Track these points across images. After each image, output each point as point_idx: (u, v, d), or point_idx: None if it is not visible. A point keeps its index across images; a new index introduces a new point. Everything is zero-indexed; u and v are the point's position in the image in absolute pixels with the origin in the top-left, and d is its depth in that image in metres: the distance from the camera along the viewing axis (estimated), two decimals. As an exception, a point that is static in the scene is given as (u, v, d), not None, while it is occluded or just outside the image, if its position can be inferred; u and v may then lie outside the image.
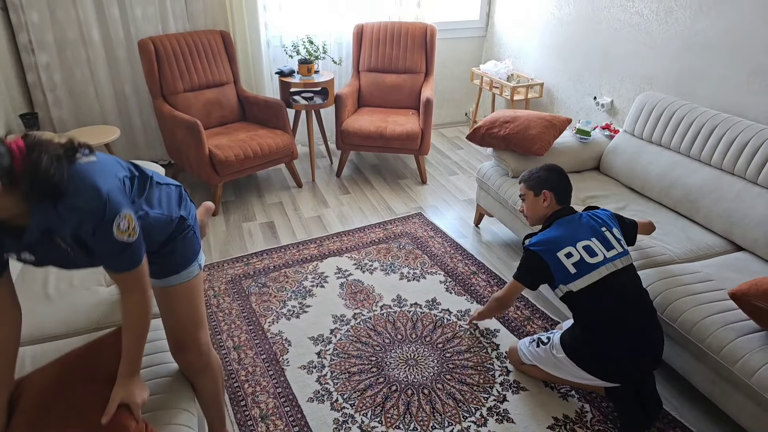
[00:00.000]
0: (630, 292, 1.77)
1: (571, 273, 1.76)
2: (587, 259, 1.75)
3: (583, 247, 1.77)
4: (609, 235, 1.82)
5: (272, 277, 2.64)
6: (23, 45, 3.21)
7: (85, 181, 1.07)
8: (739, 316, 1.71)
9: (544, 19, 3.88)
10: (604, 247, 1.79)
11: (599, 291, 1.75)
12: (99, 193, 1.07)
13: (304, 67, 3.47)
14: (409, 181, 3.72)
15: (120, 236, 1.12)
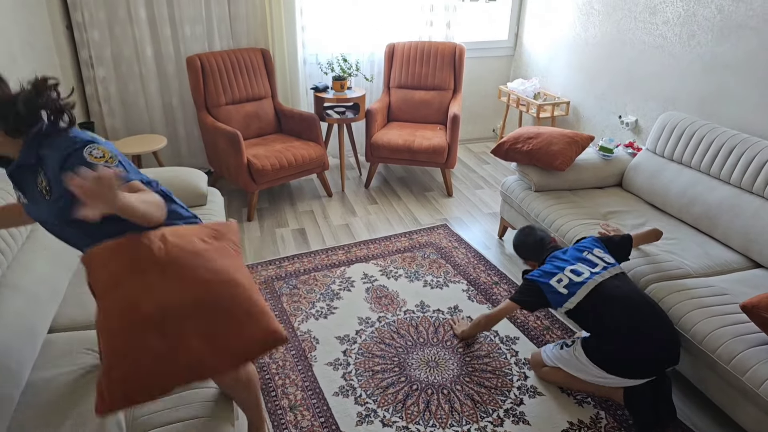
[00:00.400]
0: (624, 292, 1.91)
1: (563, 294, 1.96)
2: (574, 279, 1.97)
3: (570, 270, 2.00)
4: (591, 256, 2.05)
5: (302, 279, 2.78)
6: (84, 60, 3.49)
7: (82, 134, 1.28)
8: (751, 329, 1.76)
9: (570, 39, 3.98)
10: (588, 266, 2.00)
11: (594, 301, 1.91)
12: (75, 138, 1.25)
13: (338, 83, 3.65)
14: (436, 194, 3.83)
15: (93, 161, 1.22)
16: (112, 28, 3.49)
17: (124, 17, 3.47)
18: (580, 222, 2.53)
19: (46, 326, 1.71)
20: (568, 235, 2.49)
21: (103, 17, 3.41)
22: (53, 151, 1.25)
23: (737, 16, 2.70)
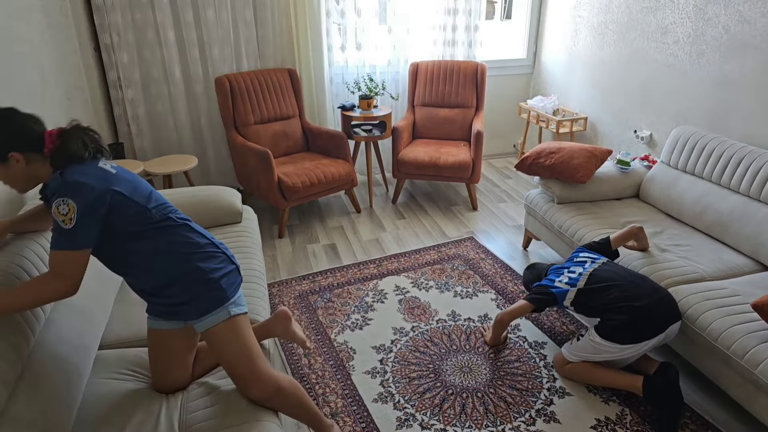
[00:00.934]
0: (614, 272, 2.37)
1: (565, 289, 2.40)
2: (572, 276, 2.44)
3: (568, 272, 2.48)
4: (579, 259, 2.53)
5: (336, 293, 3.07)
6: (112, 82, 3.80)
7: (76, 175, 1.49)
8: (762, 326, 2.05)
9: (587, 58, 4.32)
10: (580, 266, 2.48)
11: (592, 285, 2.35)
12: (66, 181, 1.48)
13: (365, 102, 3.98)
14: (461, 208, 4.15)
15: (56, 215, 1.43)
16: (141, 51, 3.82)
17: (153, 40, 3.81)
18: (601, 231, 2.83)
19: (97, 342, 1.88)
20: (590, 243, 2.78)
21: (132, 40, 3.75)
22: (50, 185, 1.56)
23: (742, 36, 3.03)
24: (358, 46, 4.35)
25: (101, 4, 3.58)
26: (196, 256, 1.66)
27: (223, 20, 3.87)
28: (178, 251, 1.64)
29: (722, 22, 3.14)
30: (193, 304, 1.65)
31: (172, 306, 1.67)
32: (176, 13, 3.79)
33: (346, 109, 4.08)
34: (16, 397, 1.40)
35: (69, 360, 1.64)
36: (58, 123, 2.90)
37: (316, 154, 4.01)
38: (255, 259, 2.54)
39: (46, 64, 2.87)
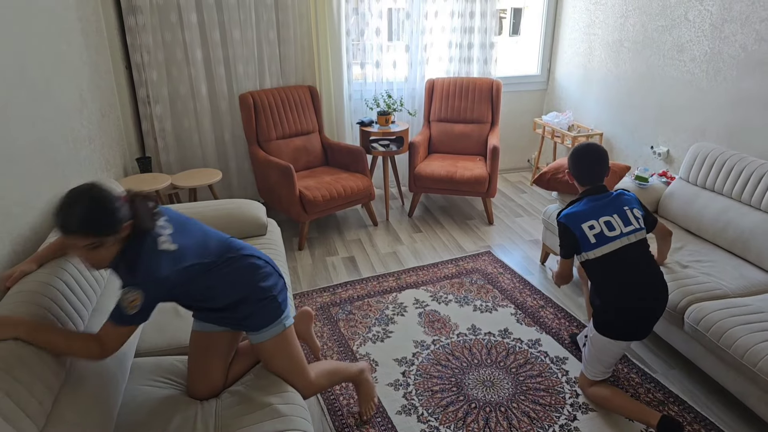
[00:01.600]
0: (639, 262, 2.16)
1: (591, 243, 2.15)
2: (606, 233, 2.13)
3: (604, 222, 2.15)
4: (629, 213, 2.18)
5: (357, 305, 3.07)
6: (141, 98, 3.87)
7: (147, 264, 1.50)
8: (787, 344, 2.01)
9: (602, 74, 4.32)
10: (623, 222, 2.15)
11: (613, 259, 2.15)
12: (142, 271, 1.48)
13: (383, 117, 4.01)
14: (477, 222, 4.14)
15: (121, 299, 1.47)
16: (170, 69, 3.89)
17: (181, 59, 3.87)
18: (621, 249, 2.80)
19: (133, 350, 1.92)
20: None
21: (162, 58, 3.81)
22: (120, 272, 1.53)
23: (759, 55, 3.02)
24: (376, 63, 4.39)
25: (134, 25, 3.65)
26: (257, 278, 1.79)
27: (248, 40, 3.93)
28: (243, 278, 1.76)
29: (739, 41, 3.14)
30: (256, 318, 1.79)
31: (237, 320, 1.80)
32: (204, 34, 3.86)
33: (365, 125, 4.11)
34: (60, 401, 1.43)
35: (107, 367, 1.66)
36: (94, 139, 2.97)
37: (335, 169, 4.03)
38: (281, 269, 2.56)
39: (84, 82, 2.94)
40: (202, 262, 1.66)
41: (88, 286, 1.82)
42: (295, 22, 4.02)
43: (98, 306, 1.87)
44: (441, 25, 4.50)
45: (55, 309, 1.57)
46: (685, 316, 2.34)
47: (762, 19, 2.98)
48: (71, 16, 2.83)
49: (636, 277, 2.14)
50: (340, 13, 4.09)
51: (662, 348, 2.69)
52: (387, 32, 4.39)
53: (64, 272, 1.71)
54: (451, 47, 4.58)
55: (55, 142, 2.41)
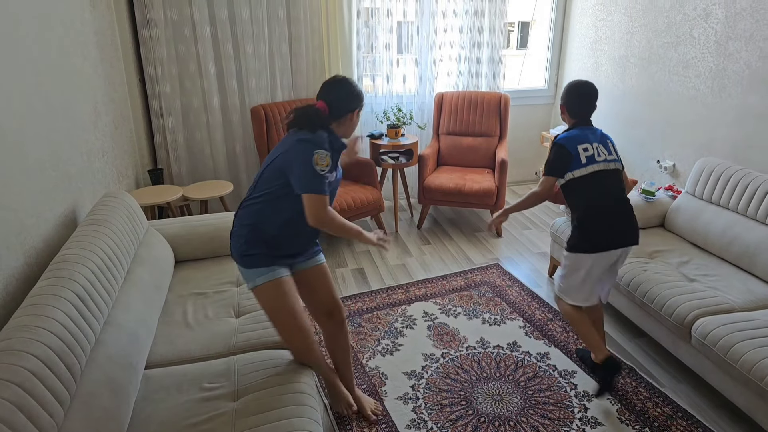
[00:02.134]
0: (612, 188, 2.35)
1: (582, 162, 2.33)
2: (595, 156, 2.34)
3: (595, 146, 2.37)
4: (611, 146, 2.42)
5: (366, 318, 3.04)
6: (154, 110, 3.89)
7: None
8: (796, 359, 1.97)
9: (608, 89, 4.29)
10: (607, 152, 2.38)
11: (595, 180, 2.32)
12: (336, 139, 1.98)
13: (393, 131, 4.01)
14: (485, 234, 4.12)
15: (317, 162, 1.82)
16: (183, 81, 3.91)
17: (194, 72, 3.89)
18: (629, 260, 2.78)
19: (144, 362, 1.89)
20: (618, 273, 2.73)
21: (175, 71, 3.84)
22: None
23: (763, 72, 3.00)
24: (386, 77, 4.39)
25: (148, 39, 3.67)
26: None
27: (261, 53, 3.95)
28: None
29: (743, 58, 3.11)
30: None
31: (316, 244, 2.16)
32: (217, 47, 3.88)
33: (375, 138, 4.10)
34: (71, 414, 1.41)
35: (118, 379, 1.65)
36: (107, 151, 2.98)
37: (345, 181, 4.02)
38: (291, 283, 2.54)
39: (98, 95, 2.95)
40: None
41: (99, 297, 1.80)
42: (307, 36, 4.03)
43: (110, 319, 1.86)
44: (450, 40, 4.51)
45: (66, 320, 1.55)
46: (693, 330, 2.30)
47: (765, 37, 2.96)
48: (88, 30, 2.86)
49: (607, 199, 2.34)
50: (351, 28, 4.10)
51: (670, 362, 2.64)
52: (396, 46, 4.40)
53: (75, 284, 1.70)
54: (460, 62, 4.58)
55: (69, 154, 2.42)
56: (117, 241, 2.11)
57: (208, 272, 2.62)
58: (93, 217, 2.16)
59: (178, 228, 2.75)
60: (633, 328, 2.92)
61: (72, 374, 1.48)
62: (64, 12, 2.52)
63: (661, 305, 2.47)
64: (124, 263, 2.12)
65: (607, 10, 4.23)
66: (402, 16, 4.32)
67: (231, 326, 2.20)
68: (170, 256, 2.59)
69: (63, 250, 1.89)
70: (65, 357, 1.47)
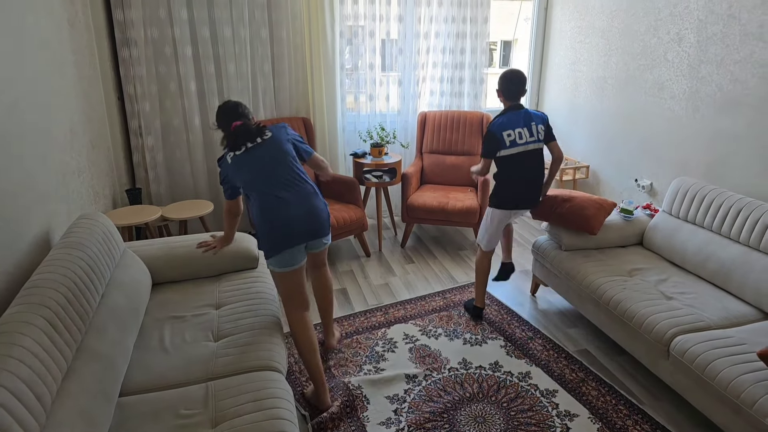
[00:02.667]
0: (528, 164, 2.99)
1: (506, 145, 2.94)
2: (517, 140, 2.94)
3: (517, 132, 2.95)
4: (534, 128, 2.98)
5: (346, 343, 2.98)
6: (133, 130, 3.85)
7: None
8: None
9: (587, 109, 4.39)
10: (528, 134, 2.96)
11: (514, 159, 2.96)
12: None
13: (376, 149, 4.03)
14: (469, 252, 4.13)
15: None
16: (163, 100, 3.89)
17: (175, 90, 3.88)
18: (609, 279, 2.81)
19: (118, 390, 1.84)
20: (598, 291, 2.76)
21: (155, 90, 3.82)
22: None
23: (735, 94, 3.09)
24: (369, 96, 4.43)
25: (127, 57, 3.66)
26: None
27: (243, 72, 3.96)
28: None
29: (715, 81, 3.21)
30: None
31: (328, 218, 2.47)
32: (198, 66, 3.88)
33: (358, 156, 4.12)
34: (41, 448, 1.36)
35: (90, 409, 1.60)
36: (83, 171, 2.95)
37: (328, 199, 4.02)
38: (271, 304, 2.52)
39: (75, 114, 2.93)
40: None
41: (71, 323, 1.77)
42: (290, 54, 4.06)
43: (83, 345, 1.82)
44: (433, 60, 4.58)
45: (36, 348, 1.52)
46: (671, 347, 2.33)
47: (736, 61, 3.06)
48: (65, 49, 2.84)
49: (523, 173, 3.01)
50: (334, 47, 4.14)
51: (649, 379, 2.67)
52: (380, 65, 4.44)
53: (47, 310, 1.67)
54: (443, 82, 4.64)
55: (43, 175, 2.38)
56: (91, 264, 2.08)
57: (187, 295, 2.58)
58: (67, 239, 2.13)
59: (156, 249, 2.72)
60: (614, 346, 2.94)
61: (42, 404, 1.44)
62: (40, 31, 2.50)
63: (641, 323, 2.50)
64: (98, 287, 2.08)
65: (585, 33, 4.34)
66: (385, 33, 4.38)
67: (209, 350, 2.15)
68: (147, 279, 2.55)
69: (35, 274, 1.85)
70: (35, 387, 1.43)
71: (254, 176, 2.30)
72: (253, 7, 3.89)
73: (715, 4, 3.15)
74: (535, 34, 4.92)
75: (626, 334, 2.65)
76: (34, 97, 2.34)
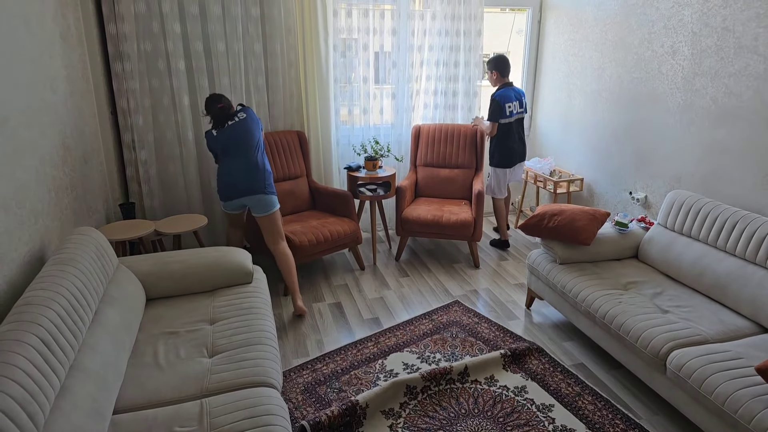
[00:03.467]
0: (517, 129, 4.25)
1: (507, 114, 4.13)
2: (514, 111, 4.15)
3: (513, 104, 4.14)
4: (523, 100, 4.25)
5: (345, 380, 2.80)
6: (126, 143, 3.86)
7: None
8: (767, 389, 2.03)
9: (581, 122, 4.44)
10: (519, 105, 4.20)
11: (510, 126, 4.19)
12: None
13: (370, 163, 4.06)
14: (463, 265, 4.15)
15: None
16: (156, 114, 3.91)
17: (168, 104, 3.90)
18: (605, 292, 2.84)
19: (111, 408, 1.84)
20: (593, 305, 2.78)
21: (148, 104, 3.84)
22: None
23: (729, 107, 3.14)
24: (363, 110, 4.46)
25: (120, 72, 3.69)
26: None
27: (237, 86, 3.99)
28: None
29: (710, 94, 3.25)
30: None
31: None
32: (192, 80, 3.91)
33: (353, 170, 4.14)
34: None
35: (84, 427, 1.61)
36: (76, 186, 2.95)
37: (322, 213, 4.04)
38: (266, 320, 2.52)
39: (67, 129, 2.94)
40: None
41: (64, 341, 1.77)
42: (284, 69, 4.09)
43: (76, 363, 1.82)
44: (426, 74, 4.63)
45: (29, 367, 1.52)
46: (668, 362, 2.35)
47: (730, 74, 3.11)
48: (57, 64, 2.86)
49: (516, 136, 4.25)
50: (328, 61, 4.18)
51: (646, 394, 2.68)
52: (374, 78, 4.49)
53: (39, 328, 1.67)
54: (436, 95, 4.69)
55: (35, 191, 2.39)
56: (84, 280, 2.08)
57: (181, 310, 2.58)
58: (59, 256, 2.13)
59: (150, 264, 2.72)
60: (609, 359, 2.96)
61: (35, 423, 1.44)
62: (32, 45, 2.53)
63: (637, 337, 2.52)
64: (91, 303, 2.09)
65: (578, 45, 4.40)
66: (379, 48, 4.43)
67: (204, 366, 2.15)
68: (141, 295, 2.55)
69: (27, 292, 1.86)
70: (27, 406, 1.44)
71: (223, 146, 3.28)
72: (247, 22, 3.93)
73: (710, 17, 3.21)
74: (529, 47, 4.99)
75: (622, 348, 2.67)
76: (25, 112, 2.36)
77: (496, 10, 5.21)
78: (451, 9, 4.47)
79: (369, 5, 4.29)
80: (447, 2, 4.45)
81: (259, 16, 3.96)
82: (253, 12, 3.91)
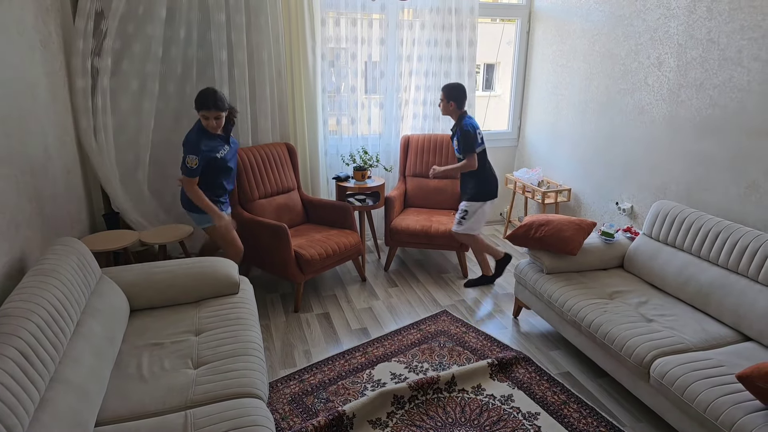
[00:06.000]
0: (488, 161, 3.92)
1: (479, 143, 3.79)
2: (482, 138, 3.82)
3: (479, 130, 3.82)
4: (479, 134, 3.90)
5: (332, 390, 2.81)
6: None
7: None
8: (747, 397, 2.08)
9: (569, 132, 4.51)
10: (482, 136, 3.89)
11: (483, 155, 3.85)
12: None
13: (359, 173, 4.09)
14: (452, 275, 4.18)
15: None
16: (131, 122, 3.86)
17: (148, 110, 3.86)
18: (590, 302, 2.88)
19: (94, 420, 1.83)
20: (579, 314, 2.82)
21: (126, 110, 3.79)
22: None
23: (713, 120, 3.20)
24: (351, 119, 4.50)
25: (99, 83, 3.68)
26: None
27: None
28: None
29: (695, 105, 3.32)
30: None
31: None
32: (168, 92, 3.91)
33: (341, 180, 4.17)
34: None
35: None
36: (58, 195, 2.96)
37: (319, 225, 4.04)
38: (252, 330, 2.53)
39: (49, 138, 2.95)
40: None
41: (44, 353, 1.78)
42: (271, 79, 4.06)
43: (57, 375, 1.83)
44: (415, 84, 4.67)
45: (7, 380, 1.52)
46: (651, 370, 2.39)
47: (715, 86, 3.18)
48: (38, 72, 2.86)
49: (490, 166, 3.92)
50: (315, 71, 4.20)
51: (630, 401, 2.72)
52: (363, 87, 4.53)
53: (18, 340, 1.68)
54: (425, 105, 4.74)
55: (16, 201, 2.39)
56: (65, 291, 2.09)
57: (166, 321, 2.59)
58: (40, 266, 2.14)
59: (134, 275, 2.73)
60: (594, 368, 2.99)
61: (14, 436, 1.45)
62: (12, 52, 2.52)
63: (621, 346, 2.55)
64: (73, 315, 2.09)
65: (566, 56, 4.48)
66: (368, 57, 4.47)
67: (188, 378, 2.16)
68: (125, 306, 2.56)
69: (6, 303, 1.86)
70: (6, 419, 1.44)
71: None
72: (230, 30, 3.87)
73: (695, 29, 3.28)
74: (518, 58, 5.06)
75: (607, 356, 2.70)
76: (5, 121, 2.36)
77: (486, 21, 5.28)
78: (441, 19, 4.52)
79: (357, 14, 4.34)
80: (437, 12, 4.50)
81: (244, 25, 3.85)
82: (237, 20, 3.83)
